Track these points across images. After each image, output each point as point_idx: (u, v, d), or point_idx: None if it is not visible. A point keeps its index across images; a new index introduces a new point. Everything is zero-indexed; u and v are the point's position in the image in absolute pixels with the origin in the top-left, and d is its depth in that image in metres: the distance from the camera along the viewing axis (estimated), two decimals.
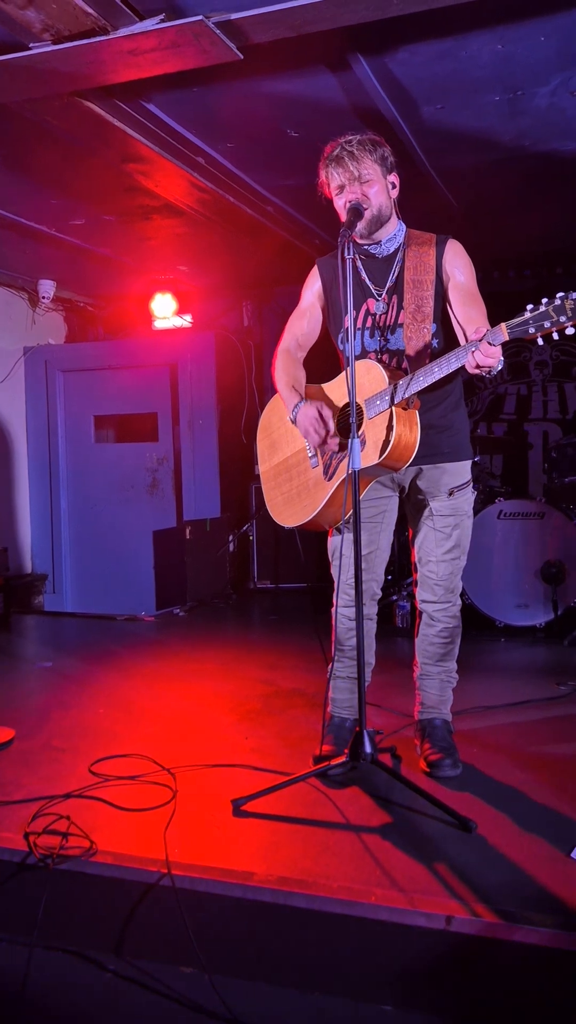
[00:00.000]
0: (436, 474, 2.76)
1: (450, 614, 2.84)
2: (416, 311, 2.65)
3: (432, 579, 2.81)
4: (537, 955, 1.85)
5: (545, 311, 2.27)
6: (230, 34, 2.86)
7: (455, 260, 2.68)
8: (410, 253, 2.70)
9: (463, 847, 2.25)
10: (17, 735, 3.20)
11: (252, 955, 2.06)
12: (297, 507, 2.83)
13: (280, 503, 2.91)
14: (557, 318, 2.25)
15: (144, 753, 2.97)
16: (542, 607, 4.69)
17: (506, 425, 6.67)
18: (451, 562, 2.80)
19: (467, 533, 2.83)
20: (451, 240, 2.71)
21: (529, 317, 2.29)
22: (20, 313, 6.87)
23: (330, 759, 2.65)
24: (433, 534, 2.79)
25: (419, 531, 2.83)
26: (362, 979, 1.97)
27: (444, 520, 2.77)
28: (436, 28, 2.98)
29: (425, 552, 2.82)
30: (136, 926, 2.15)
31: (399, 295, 2.70)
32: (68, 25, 2.85)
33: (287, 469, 2.89)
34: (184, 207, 4.89)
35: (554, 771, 2.76)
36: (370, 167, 2.61)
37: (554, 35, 3.04)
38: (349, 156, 2.58)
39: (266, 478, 2.99)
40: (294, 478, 2.86)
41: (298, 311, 2.91)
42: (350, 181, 2.60)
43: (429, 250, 2.69)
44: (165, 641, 5.14)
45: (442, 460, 2.74)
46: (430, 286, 2.66)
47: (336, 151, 2.61)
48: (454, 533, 2.78)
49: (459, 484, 2.78)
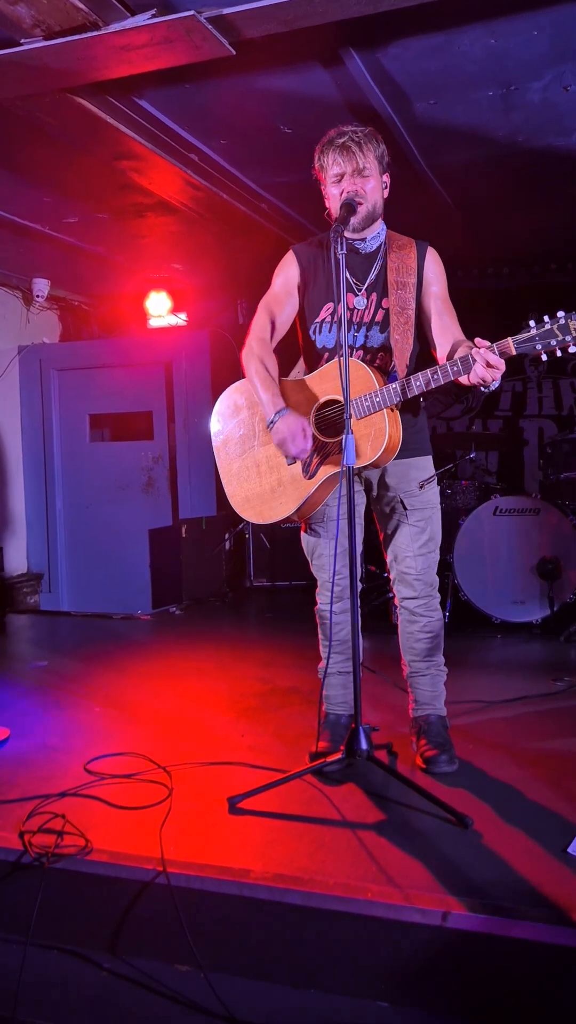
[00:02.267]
0: (403, 469, 2.77)
1: (431, 607, 2.84)
2: (400, 312, 2.67)
3: (411, 575, 2.82)
4: (533, 950, 1.84)
5: (550, 330, 2.32)
6: (222, 29, 2.85)
7: (434, 268, 2.74)
8: (392, 254, 2.71)
9: (459, 843, 2.25)
10: (12, 734, 3.19)
11: (248, 952, 2.05)
12: (274, 504, 2.80)
13: (250, 498, 2.86)
14: (563, 337, 2.31)
15: (139, 751, 2.96)
16: (538, 603, 4.69)
17: (501, 421, 6.67)
18: (427, 555, 2.81)
19: (439, 525, 2.85)
20: (430, 247, 2.76)
21: (536, 334, 2.34)
22: (14, 312, 6.86)
23: (326, 756, 2.65)
24: (407, 529, 2.80)
25: (392, 529, 2.84)
26: (358, 976, 1.96)
27: (417, 514, 2.79)
28: (428, 23, 2.98)
29: (400, 549, 2.82)
30: (132, 924, 2.14)
31: (379, 293, 2.71)
32: (59, 20, 2.84)
33: (256, 465, 2.84)
34: (178, 204, 4.88)
35: (550, 767, 2.75)
36: (371, 161, 2.61)
37: (547, 29, 3.04)
38: (356, 146, 2.57)
39: (227, 471, 2.91)
40: (265, 475, 2.82)
41: (274, 297, 2.82)
42: (352, 173, 2.59)
43: (410, 253, 2.71)
44: (161, 640, 5.13)
45: (408, 455, 2.76)
46: (412, 289, 2.68)
47: (342, 139, 2.58)
48: (428, 527, 2.81)
49: (427, 477, 2.81)
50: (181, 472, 6.69)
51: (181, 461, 6.69)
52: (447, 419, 6.75)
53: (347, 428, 2.45)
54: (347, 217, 2.53)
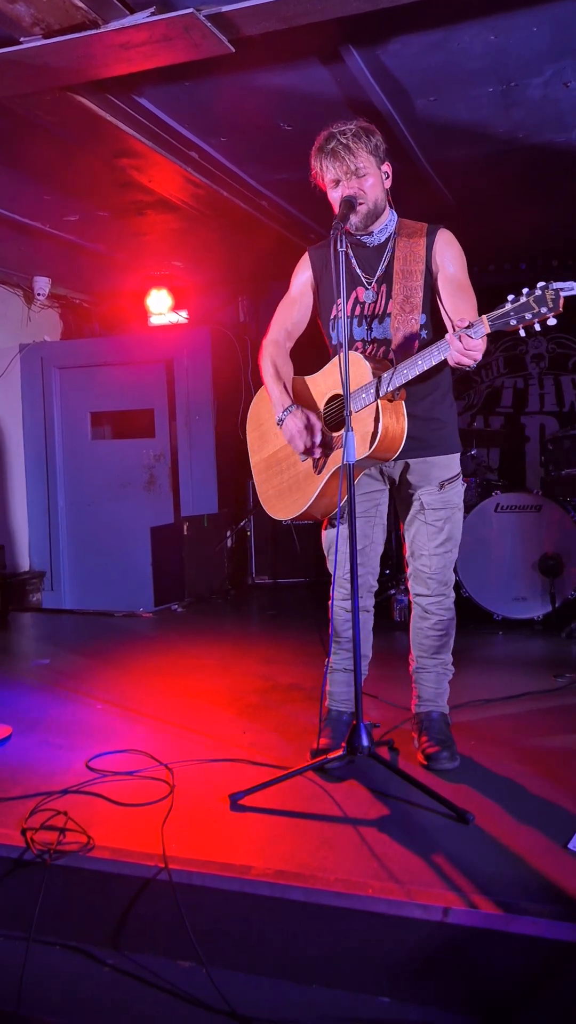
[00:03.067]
0: (425, 468, 2.75)
1: (444, 607, 2.84)
2: (404, 301, 2.64)
3: (425, 572, 2.81)
4: (534, 946, 1.85)
5: (526, 302, 2.24)
6: (221, 27, 2.85)
7: (446, 250, 2.66)
8: (400, 243, 2.69)
9: (460, 839, 2.25)
10: (14, 731, 3.20)
11: (250, 948, 2.06)
12: (288, 500, 2.83)
13: (272, 496, 2.91)
14: (539, 309, 2.21)
15: (141, 748, 2.97)
16: (540, 600, 4.69)
17: (503, 418, 6.67)
18: (443, 555, 2.80)
19: (458, 526, 2.83)
20: (442, 230, 2.70)
21: (510, 308, 2.26)
22: (15, 310, 6.86)
23: (328, 753, 2.65)
24: (425, 528, 2.79)
25: (410, 526, 2.83)
26: (359, 971, 1.96)
27: (435, 514, 2.77)
28: (428, 19, 2.97)
29: (417, 546, 2.82)
30: (134, 920, 2.14)
31: (388, 284, 2.69)
32: (59, 19, 2.84)
33: (277, 463, 2.89)
34: (178, 202, 4.88)
35: (551, 763, 2.76)
36: (365, 159, 2.58)
37: (547, 25, 3.03)
38: (344, 149, 2.55)
39: (257, 471, 2.98)
40: (284, 471, 2.86)
41: (288, 300, 2.88)
42: (346, 176, 2.57)
43: (420, 240, 2.67)
44: (163, 637, 5.14)
45: (430, 453, 2.74)
46: (419, 276, 2.64)
47: (331, 144, 2.57)
48: (446, 526, 2.78)
49: (449, 477, 2.77)
50: (183, 469, 6.69)
51: (183, 458, 6.70)
52: None
53: (347, 425, 2.45)
54: (347, 214, 2.52)
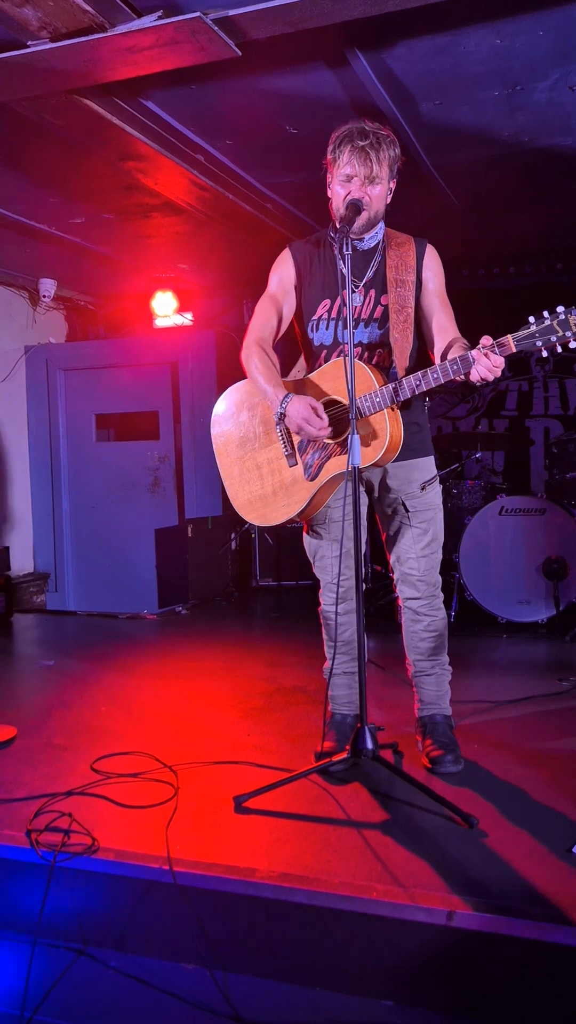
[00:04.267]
0: (405, 471, 2.77)
1: (434, 607, 2.85)
2: (400, 310, 2.67)
3: (414, 576, 2.82)
4: (537, 950, 1.85)
5: (550, 325, 2.32)
6: (228, 30, 2.86)
7: (433, 265, 2.74)
8: (391, 252, 2.71)
9: (464, 843, 2.25)
10: (19, 733, 3.20)
11: (254, 951, 2.06)
12: (275, 506, 2.79)
13: (253, 501, 2.84)
14: (563, 333, 2.31)
15: (146, 750, 2.97)
16: (544, 603, 4.69)
17: (508, 421, 6.67)
18: (430, 556, 2.82)
19: (441, 526, 2.85)
20: (429, 244, 2.76)
21: (536, 331, 2.34)
22: (21, 312, 6.87)
23: (332, 756, 2.65)
24: (410, 531, 2.80)
25: (394, 530, 2.84)
26: (363, 974, 1.97)
27: (420, 516, 2.79)
28: (434, 23, 2.98)
29: (403, 550, 2.82)
30: (138, 922, 2.15)
31: (376, 289, 2.71)
32: (66, 23, 2.85)
33: (257, 467, 2.83)
34: (184, 205, 4.89)
35: (555, 767, 2.76)
36: (384, 170, 2.60)
37: (553, 29, 3.03)
38: (374, 152, 2.55)
39: (229, 474, 2.89)
40: (267, 476, 2.81)
41: (270, 296, 2.83)
42: (362, 177, 2.57)
43: (409, 251, 2.71)
44: (167, 639, 5.14)
45: (411, 456, 2.76)
46: (411, 286, 2.69)
47: (363, 141, 2.55)
48: (430, 528, 2.81)
49: (429, 479, 2.81)
50: (187, 472, 6.70)
51: (187, 461, 6.70)
52: (453, 419, 6.74)
53: (352, 428, 2.46)
54: (352, 218, 2.53)
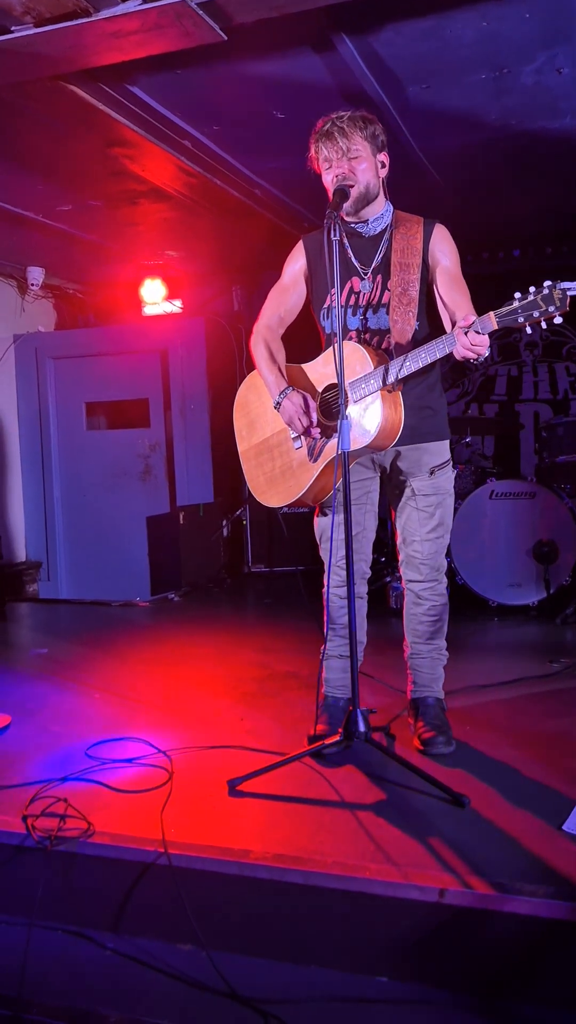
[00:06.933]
0: (416, 454, 2.78)
1: (437, 592, 2.86)
2: (402, 294, 2.66)
3: (417, 558, 2.83)
4: (529, 925, 1.88)
5: (534, 300, 2.30)
6: (212, 14, 2.85)
7: (441, 245, 2.71)
8: (397, 235, 2.70)
9: (456, 822, 2.28)
10: (13, 720, 3.22)
11: (249, 931, 2.09)
12: (282, 488, 2.84)
13: (263, 483, 2.91)
14: (546, 308, 2.28)
15: (140, 736, 2.99)
16: (534, 586, 4.72)
17: (497, 406, 6.68)
18: (435, 540, 2.82)
19: (449, 511, 2.86)
20: (438, 224, 2.73)
21: (518, 306, 2.32)
22: (9, 300, 6.84)
23: (324, 739, 2.67)
24: (416, 514, 2.81)
25: (402, 512, 2.85)
26: (357, 952, 2.00)
27: (427, 500, 2.79)
28: (419, 6, 2.97)
29: (409, 532, 2.84)
30: (134, 905, 2.17)
31: (384, 275, 2.70)
32: (49, 7, 2.83)
33: (268, 449, 2.90)
34: (171, 191, 4.87)
35: (546, 747, 2.79)
36: (359, 143, 2.61)
37: (538, 12, 3.03)
38: (339, 132, 2.59)
39: (246, 457, 2.99)
40: (276, 459, 2.86)
41: (281, 286, 2.89)
42: (338, 156, 2.60)
43: (416, 233, 2.69)
44: (160, 626, 5.16)
45: (421, 440, 2.76)
46: (416, 269, 2.67)
47: (327, 126, 2.62)
48: (437, 512, 2.81)
49: (439, 463, 2.80)
50: (178, 459, 6.70)
51: (178, 448, 6.70)
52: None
53: (342, 413, 2.46)
54: (340, 203, 2.53)
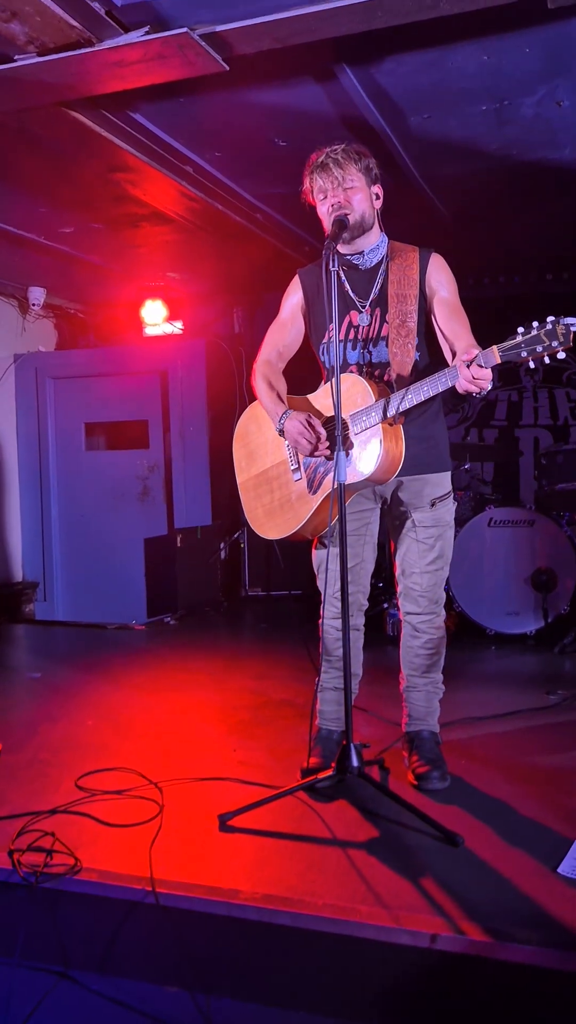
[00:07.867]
0: (417, 485, 2.75)
1: (435, 625, 2.83)
2: (400, 326, 2.65)
3: (416, 590, 2.81)
4: (522, 973, 1.84)
5: (537, 335, 2.28)
6: (215, 46, 2.86)
7: (438, 275, 2.70)
8: (394, 266, 2.70)
9: (449, 862, 2.24)
10: (4, 748, 3.18)
11: (237, 974, 2.05)
12: (280, 520, 2.82)
13: (261, 515, 2.90)
14: (549, 343, 2.26)
15: (131, 766, 2.96)
16: (533, 615, 4.69)
17: (497, 431, 6.67)
18: (434, 573, 2.80)
19: (449, 544, 2.83)
20: (434, 254, 2.73)
21: (521, 341, 2.30)
22: (10, 320, 6.85)
23: (317, 772, 2.64)
24: (416, 545, 2.78)
25: (401, 543, 2.83)
26: (347, 997, 1.95)
27: (427, 531, 2.77)
28: (422, 39, 2.98)
29: (408, 564, 2.81)
30: (121, 944, 2.13)
31: (382, 308, 2.70)
32: (53, 37, 2.85)
33: (267, 481, 2.88)
34: (173, 215, 4.89)
35: (542, 783, 2.75)
36: (354, 175, 2.62)
37: (539, 46, 3.04)
38: (334, 163, 2.61)
39: (245, 489, 2.97)
40: (275, 490, 2.85)
41: (279, 322, 2.91)
42: (334, 186, 2.61)
43: (412, 263, 2.69)
44: (155, 650, 5.12)
45: (422, 472, 2.74)
46: (414, 300, 2.66)
47: (321, 158, 2.64)
48: (437, 544, 2.78)
49: (440, 495, 2.78)
50: (176, 481, 6.68)
51: (176, 470, 6.68)
52: None
53: (338, 445, 2.46)
54: (339, 233, 2.54)
